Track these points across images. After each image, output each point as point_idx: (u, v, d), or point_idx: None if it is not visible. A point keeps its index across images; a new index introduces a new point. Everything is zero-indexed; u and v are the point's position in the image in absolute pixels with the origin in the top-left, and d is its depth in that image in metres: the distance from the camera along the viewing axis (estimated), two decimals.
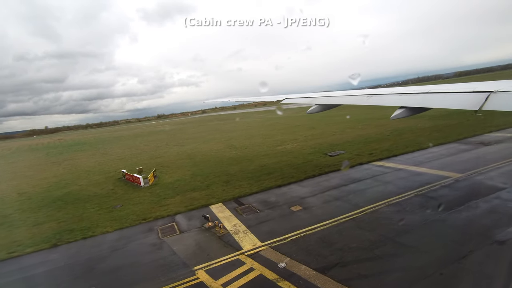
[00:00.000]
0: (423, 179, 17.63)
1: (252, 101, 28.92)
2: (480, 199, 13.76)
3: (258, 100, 23.63)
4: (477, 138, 26.60)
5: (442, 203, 13.81)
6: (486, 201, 13.48)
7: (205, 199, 19.70)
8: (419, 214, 13.21)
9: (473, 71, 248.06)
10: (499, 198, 13.60)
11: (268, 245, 12.21)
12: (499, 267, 9.16)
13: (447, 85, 8.86)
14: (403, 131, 36.38)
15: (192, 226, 15.42)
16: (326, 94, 14.76)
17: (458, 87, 8.07)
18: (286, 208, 16.20)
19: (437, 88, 8.85)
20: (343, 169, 22.92)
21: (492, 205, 13.01)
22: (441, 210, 13.22)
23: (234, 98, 27.33)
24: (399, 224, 12.53)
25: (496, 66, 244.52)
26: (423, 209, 13.68)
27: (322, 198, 17.01)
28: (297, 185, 20.22)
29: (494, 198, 13.67)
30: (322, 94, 14.99)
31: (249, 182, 22.23)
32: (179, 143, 54.68)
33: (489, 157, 20.25)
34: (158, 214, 17.74)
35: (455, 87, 8.19)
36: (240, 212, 16.57)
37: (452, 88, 8.20)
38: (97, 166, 39.59)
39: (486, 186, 15.24)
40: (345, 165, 24.39)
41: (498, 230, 10.90)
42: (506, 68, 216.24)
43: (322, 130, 47.10)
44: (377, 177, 19.39)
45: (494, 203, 13.17)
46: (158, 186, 24.98)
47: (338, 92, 14.23)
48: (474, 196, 14.06)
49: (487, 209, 12.72)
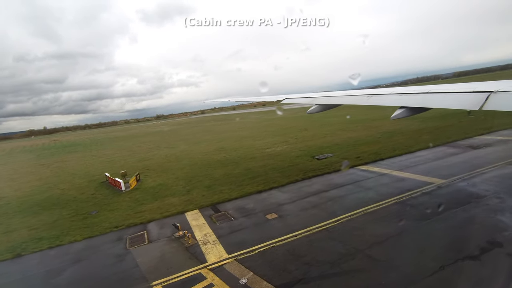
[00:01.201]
0: (405, 185, 17.04)
1: (252, 101, 29.10)
2: (459, 208, 13.17)
3: (258, 100, 23.40)
4: (467, 141, 26.02)
5: (419, 212, 13.24)
6: (464, 210, 12.88)
7: (183, 205, 19.10)
8: (394, 224, 12.61)
9: (472, 71, 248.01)
10: (478, 207, 13.00)
11: (234, 258, 11.61)
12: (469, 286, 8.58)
13: (447, 85, 8.76)
14: (394, 133, 35.82)
15: (162, 235, 14.82)
16: (326, 94, 14.57)
17: (458, 87, 7.99)
18: (262, 216, 15.61)
19: (437, 88, 8.76)
20: (343, 169, 22.65)
21: (469, 215, 12.42)
22: (417, 219, 12.64)
23: (234, 98, 27.12)
24: (372, 235, 11.93)
25: (495, 66, 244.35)
26: (399, 219, 13.08)
27: (300, 205, 16.42)
28: (278, 191, 19.63)
29: (473, 207, 13.07)
30: (322, 94, 14.75)
31: (231, 187, 21.63)
32: (170, 145, 54.07)
33: (475, 161, 19.65)
34: (131, 222, 17.13)
35: (455, 87, 8.10)
36: (215, 220, 15.98)
37: (452, 88, 8.12)
38: (84, 169, 38.98)
39: (467, 193, 14.64)
40: (345, 165, 24.06)
41: (472, 243, 10.31)
42: (505, 68, 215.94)
43: (314, 132, 46.51)
44: (359, 183, 18.80)
45: (471, 213, 12.58)
46: (139, 190, 24.37)
47: (338, 92, 14.10)
48: (453, 205, 13.47)
49: (463, 220, 12.13)
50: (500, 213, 12.20)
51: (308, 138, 40.97)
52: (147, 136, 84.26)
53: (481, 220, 11.90)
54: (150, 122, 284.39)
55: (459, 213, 12.68)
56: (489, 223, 11.60)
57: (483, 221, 11.83)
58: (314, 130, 49.59)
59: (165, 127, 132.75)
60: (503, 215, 12.00)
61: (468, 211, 12.76)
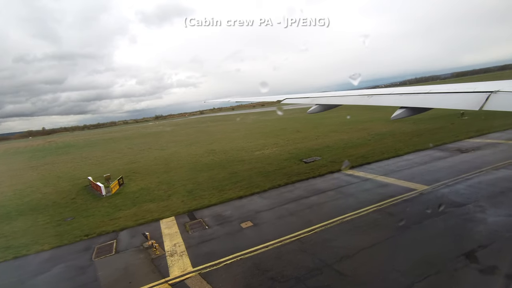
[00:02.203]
0: (387, 192, 16.46)
1: (252, 101, 29.35)
2: (438, 217, 12.60)
3: (258, 100, 23.21)
4: (456, 145, 25.45)
5: (396, 222, 12.67)
6: (443, 220, 12.31)
7: (159, 211, 18.52)
8: (368, 235, 12.03)
9: (471, 71, 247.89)
10: (457, 217, 12.43)
11: (198, 271, 11.02)
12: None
13: (448, 85, 8.70)
14: (385, 135, 35.28)
15: (131, 245, 14.22)
16: (327, 94, 14.40)
17: (459, 87, 7.95)
18: (237, 224, 15.02)
19: (438, 88, 8.71)
20: (343, 169, 22.34)
21: (446, 225, 11.84)
22: (393, 229, 12.07)
23: (235, 98, 26.93)
24: (344, 247, 11.35)
25: (494, 67, 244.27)
26: (375, 228, 12.51)
27: (277, 213, 15.84)
28: (259, 196, 19.05)
29: (452, 217, 12.50)
30: (322, 94, 14.57)
31: (212, 193, 21.05)
32: (162, 147, 53.47)
33: (462, 166, 19.08)
34: (103, 230, 16.53)
35: (456, 87, 8.05)
36: (188, 228, 15.39)
37: (453, 88, 8.06)
38: (70, 172, 38.38)
39: (448, 201, 14.05)
40: (345, 165, 23.71)
41: (446, 257, 9.73)
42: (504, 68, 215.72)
43: (307, 134, 45.94)
44: (341, 189, 18.23)
45: (449, 223, 12.00)
46: (120, 195, 23.78)
47: (338, 92, 13.93)
48: (432, 214, 12.90)
49: (440, 231, 11.55)
50: (478, 224, 11.63)
51: (299, 140, 40.41)
52: (142, 138, 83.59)
53: (458, 232, 11.32)
54: (148, 123, 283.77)
55: (437, 223, 12.11)
56: (466, 235, 11.03)
57: (460, 232, 11.25)
58: (307, 131, 49.02)
59: (162, 128, 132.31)
60: (481, 226, 11.43)
61: (446, 221, 12.19)
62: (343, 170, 22.33)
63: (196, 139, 58.30)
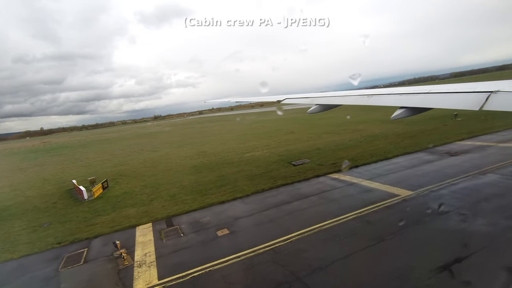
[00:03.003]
0: (370, 198, 15.94)
1: (253, 101, 29.32)
2: (418, 226, 12.10)
3: (258, 100, 23.13)
4: (446, 147, 24.97)
5: (375, 230, 12.16)
6: (422, 230, 11.79)
7: (137, 217, 17.98)
8: (344, 245, 11.51)
9: (469, 71, 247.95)
10: (437, 226, 11.92)
11: (162, 285, 10.49)
12: None
13: (448, 85, 8.69)
14: (377, 137, 34.80)
15: (102, 254, 13.68)
16: (327, 94, 14.37)
17: (459, 87, 7.93)
18: (213, 232, 14.49)
19: (438, 88, 8.69)
20: (343, 169, 22.04)
21: (426, 236, 11.32)
22: (370, 239, 11.54)
23: (235, 99, 26.77)
24: (317, 258, 10.83)
25: (492, 67, 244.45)
26: (352, 238, 12.00)
27: (257, 219, 15.32)
28: (241, 202, 18.54)
29: (433, 226, 11.99)
30: (323, 94, 14.51)
31: (195, 197, 20.53)
32: (155, 148, 52.91)
33: (449, 170, 18.59)
34: (77, 237, 15.97)
35: (456, 87, 8.03)
36: (163, 236, 14.86)
37: (453, 88, 8.04)
38: (58, 174, 37.80)
39: (430, 208, 13.56)
40: (345, 165, 23.49)
41: (421, 271, 9.22)
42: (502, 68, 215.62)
43: (300, 135, 45.45)
44: (325, 194, 17.71)
45: (428, 233, 11.46)
46: (102, 199, 23.23)
47: (338, 92, 13.89)
48: (412, 222, 12.38)
49: (419, 241, 11.03)
50: (458, 234, 11.13)
51: (291, 142, 39.91)
52: (137, 138, 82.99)
53: (436, 243, 10.80)
54: (146, 123, 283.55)
55: (416, 233, 11.58)
56: (444, 246, 10.51)
57: (438, 243, 10.73)
58: (300, 132, 48.53)
59: (159, 128, 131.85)
60: (460, 236, 10.92)
61: (425, 231, 11.66)
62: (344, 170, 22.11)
63: (190, 140, 57.76)
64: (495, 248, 9.96)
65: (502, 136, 26.22)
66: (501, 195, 13.99)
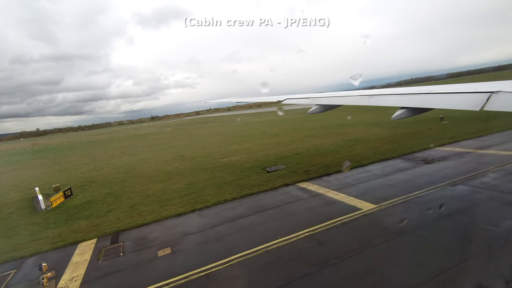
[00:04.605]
0: (329, 212, 14.76)
1: (253, 101, 29.32)
2: (369, 249, 10.91)
3: (259, 100, 22.88)
4: (424, 153, 23.83)
5: (321, 253, 10.97)
6: (372, 255, 10.59)
7: (86, 232, 16.75)
8: (284, 271, 10.29)
9: (466, 72, 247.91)
10: (387, 251, 10.72)
11: None
12: None
13: (449, 86, 8.67)
14: (359, 141, 33.68)
15: (29, 277, 12.45)
16: (327, 94, 14.35)
17: (460, 88, 7.89)
18: (154, 251, 13.27)
19: (439, 88, 8.66)
20: (344, 170, 21.69)
21: (372, 262, 10.14)
22: (313, 264, 10.36)
23: (235, 99, 26.63)
24: (251, 287, 9.65)
25: (489, 68, 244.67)
26: (296, 262, 10.78)
27: (205, 237, 14.10)
28: (198, 215, 17.34)
29: (385, 248, 10.80)
30: (323, 95, 14.40)
31: (153, 208, 19.32)
32: (136, 151, 51.61)
33: (419, 180, 17.43)
34: (12, 255, 14.71)
35: (457, 88, 8.00)
36: (102, 255, 13.63)
37: (453, 89, 8.01)
38: (31, 179, 36.48)
39: (388, 227, 12.39)
40: (346, 165, 22.97)
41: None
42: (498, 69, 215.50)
43: (283, 138, 44.30)
44: (285, 207, 16.53)
45: (377, 260, 10.27)
46: (60, 209, 21.99)
47: (339, 93, 13.89)
48: (364, 244, 11.20)
49: (363, 269, 9.84)
50: (408, 261, 9.95)
51: (273, 146, 38.73)
52: (125, 141, 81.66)
53: (383, 272, 9.62)
54: (142, 124, 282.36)
55: (364, 258, 10.39)
56: (391, 276, 9.33)
57: (385, 273, 9.55)
58: (284, 135, 47.40)
59: (152, 130, 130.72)
60: (409, 265, 9.75)
61: (373, 257, 10.48)
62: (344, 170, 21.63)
63: (174, 143, 56.51)
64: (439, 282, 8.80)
65: (482, 141, 25.10)
66: (464, 212, 12.85)
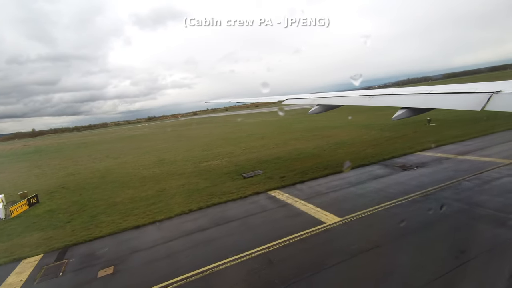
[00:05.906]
0: (292, 225, 13.70)
1: (253, 101, 29.20)
2: (321, 271, 9.85)
3: (259, 100, 22.80)
4: (404, 159, 22.85)
5: (269, 277, 9.90)
6: (323, 279, 9.54)
7: (35, 246, 15.58)
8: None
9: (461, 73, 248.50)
10: (343, 273, 9.67)
11: None
12: None
13: (449, 86, 8.64)
14: (343, 145, 32.71)
15: None
16: (328, 94, 14.29)
17: (460, 88, 7.85)
18: (95, 271, 12.14)
19: (439, 88, 8.64)
20: (345, 170, 21.51)
21: (325, 284, 9.09)
22: None
23: (236, 99, 26.65)
24: None
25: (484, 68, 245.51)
26: (240, 286, 9.73)
27: (154, 254, 12.98)
28: (156, 227, 16.26)
29: (337, 273, 9.74)
30: (324, 95, 14.39)
31: (113, 219, 18.18)
32: (120, 154, 50.39)
33: (392, 190, 16.42)
34: None
35: (457, 88, 7.97)
36: (40, 275, 12.47)
37: (454, 89, 7.97)
38: (5, 185, 35.11)
39: (346, 247, 11.31)
40: (346, 166, 22.60)
41: None
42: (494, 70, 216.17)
43: (268, 141, 43.29)
44: (249, 218, 15.45)
45: (330, 284, 9.23)
46: (20, 219, 20.79)
47: (339, 93, 13.72)
48: (316, 265, 10.14)
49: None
50: (369, 283, 8.92)
51: (256, 149, 37.70)
52: (114, 143, 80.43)
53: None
54: (138, 125, 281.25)
55: (311, 283, 9.34)
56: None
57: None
58: (271, 138, 46.41)
59: (146, 131, 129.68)
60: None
61: (323, 282, 9.42)
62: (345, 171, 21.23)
63: (160, 146, 55.40)
64: None
65: (465, 146, 24.16)
66: (429, 228, 11.81)
